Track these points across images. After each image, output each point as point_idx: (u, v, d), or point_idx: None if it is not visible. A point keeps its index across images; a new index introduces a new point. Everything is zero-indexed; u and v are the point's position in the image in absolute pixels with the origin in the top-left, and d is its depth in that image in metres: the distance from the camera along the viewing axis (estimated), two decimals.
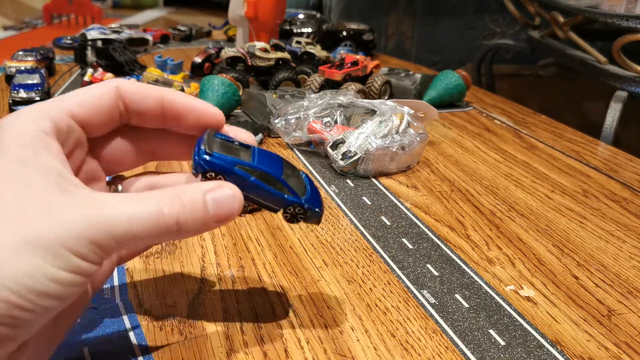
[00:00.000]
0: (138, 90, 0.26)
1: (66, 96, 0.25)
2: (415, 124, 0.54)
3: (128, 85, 0.26)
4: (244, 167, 0.26)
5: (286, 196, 0.27)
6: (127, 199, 0.22)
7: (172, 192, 0.23)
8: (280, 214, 0.28)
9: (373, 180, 0.51)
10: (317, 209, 0.28)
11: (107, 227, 0.21)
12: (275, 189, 0.27)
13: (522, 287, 0.36)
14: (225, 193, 0.24)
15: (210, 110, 0.27)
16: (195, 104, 0.27)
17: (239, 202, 0.25)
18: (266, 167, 0.26)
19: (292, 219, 0.28)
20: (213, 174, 0.25)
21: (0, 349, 0.20)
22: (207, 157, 0.25)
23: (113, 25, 1.07)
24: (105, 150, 0.27)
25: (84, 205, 0.21)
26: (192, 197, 0.23)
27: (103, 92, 0.25)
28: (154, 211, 0.22)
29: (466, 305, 0.33)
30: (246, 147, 0.27)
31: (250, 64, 0.76)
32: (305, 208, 0.28)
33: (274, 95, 0.65)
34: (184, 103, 0.27)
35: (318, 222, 0.29)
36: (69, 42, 1.07)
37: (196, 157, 0.25)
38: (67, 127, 0.24)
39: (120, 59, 0.84)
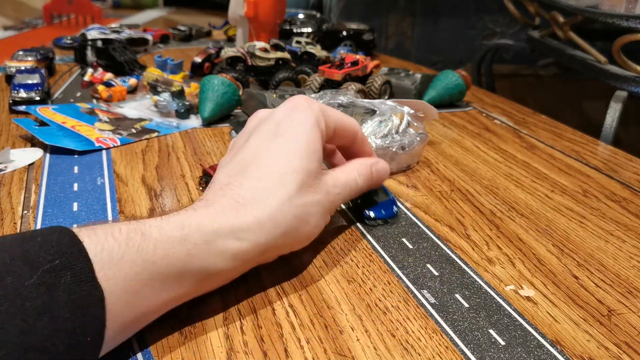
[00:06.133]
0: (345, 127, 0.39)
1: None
2: (415, 124, 0.54)
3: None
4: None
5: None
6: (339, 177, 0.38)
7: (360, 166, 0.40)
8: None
9: None
10: None
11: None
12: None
13: (522, 287, 0.36)
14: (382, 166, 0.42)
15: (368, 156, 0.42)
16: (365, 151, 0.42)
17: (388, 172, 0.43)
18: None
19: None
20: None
21: None
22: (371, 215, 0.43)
23: (113, 25, 1.08)
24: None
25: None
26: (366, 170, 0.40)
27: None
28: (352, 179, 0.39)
29: (466, 305, 0.33)
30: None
31: (250, 64, 0.76)
32: None
33: (274, 95, 0.65)
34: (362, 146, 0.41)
35: None
36: (69, 42, 1.07)
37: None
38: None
39: (120, 59, 0.84)
